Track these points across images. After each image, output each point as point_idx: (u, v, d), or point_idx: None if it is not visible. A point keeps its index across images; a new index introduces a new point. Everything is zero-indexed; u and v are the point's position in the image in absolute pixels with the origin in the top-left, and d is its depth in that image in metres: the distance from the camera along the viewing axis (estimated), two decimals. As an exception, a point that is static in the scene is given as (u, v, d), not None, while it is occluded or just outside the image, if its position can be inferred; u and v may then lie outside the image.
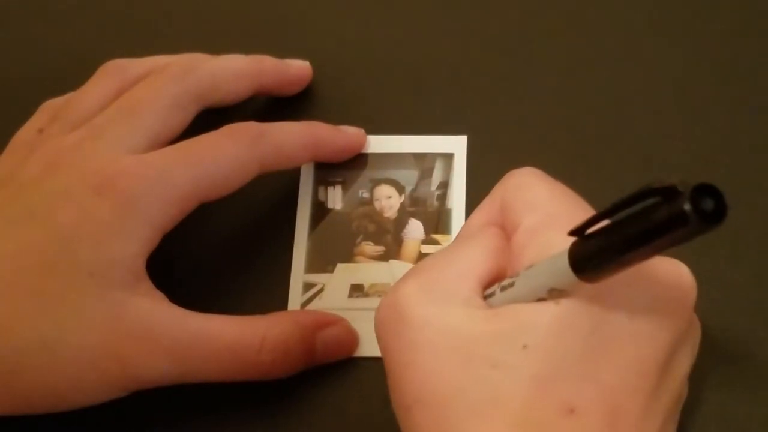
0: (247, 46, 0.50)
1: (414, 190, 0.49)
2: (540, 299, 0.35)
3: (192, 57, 0.48)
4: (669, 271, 0.36)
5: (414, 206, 0.48)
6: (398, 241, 0.47)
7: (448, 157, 0.49)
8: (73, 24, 0.56)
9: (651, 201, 0.30)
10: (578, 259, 0.33)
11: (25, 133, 0.47)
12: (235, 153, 0.44)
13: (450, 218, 0.48)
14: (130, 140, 0.44)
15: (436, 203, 0.48)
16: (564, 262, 0.33)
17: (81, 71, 0.48)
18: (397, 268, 0.47)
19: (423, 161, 0.49)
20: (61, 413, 0.42)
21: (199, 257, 0.48)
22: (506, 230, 0.38)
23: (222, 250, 0.48)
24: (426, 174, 0.49)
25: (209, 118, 0.47)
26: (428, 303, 0.36)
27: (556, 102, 0.50)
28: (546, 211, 0.37)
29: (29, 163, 0.44)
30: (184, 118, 0.46)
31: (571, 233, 0.33)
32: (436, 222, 0.48)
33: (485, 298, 0.37)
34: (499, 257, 0.38)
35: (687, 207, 0.29)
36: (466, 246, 0.38)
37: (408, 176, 0.49)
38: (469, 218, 0.40)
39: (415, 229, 0.48)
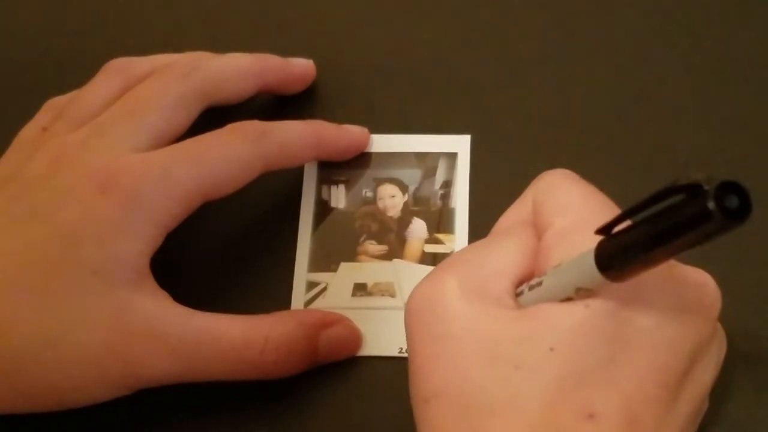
0: (251, 45, 0.50)
1: (417, 189, 0.48)
2: (567, 299, 0.35)
3: (196, 55, 0.48)
4: (694, 280, 0.36)
5: (417, 205, 0.48)
6: (401, 241, 0.47)
7: (452, 157, 0.49)
8: (77, 22, 0.56)
9: (676, 198, 0.30)
10: (603, 257, 0.33)
11: (29, 131, 0.47)
12: (238, 151, 0.44)
13: (453, 217, 0.48)
14: (133, 138, 0.44)
15: (439, 202, 0.48)
16: (590, 260, 0.33)
17: (85, 69, 0.48)
18: (401, 267, 0.47)
19: (426, 160, 0.49)
20: (64, 412, 0.42)
21: (203, 256, 0.48)
22: (537, 230, 0.38)
23: (225, 249, 0.48)
24: (429, 173, 0.49)
25: (213, 117, 0.47)
26: (464, 299, 0.36)
27: (560, 101, 0.50)
28: (577, 214, 0.37)
29: (33, 161, 0.44)
30: (188, 116, 0.46)
31: (598, 232, 0.33)
32: (440, 221, 0.48)
33: (515, 296, 0.36)
34: (534, 257, 0.37)
35: (711, 205, 0.29)
36: (504, 243, 0.38)
37: (411, 175, 0.49)
38: (502, 217, 0.40)
39: (418, 228, 0.48)
